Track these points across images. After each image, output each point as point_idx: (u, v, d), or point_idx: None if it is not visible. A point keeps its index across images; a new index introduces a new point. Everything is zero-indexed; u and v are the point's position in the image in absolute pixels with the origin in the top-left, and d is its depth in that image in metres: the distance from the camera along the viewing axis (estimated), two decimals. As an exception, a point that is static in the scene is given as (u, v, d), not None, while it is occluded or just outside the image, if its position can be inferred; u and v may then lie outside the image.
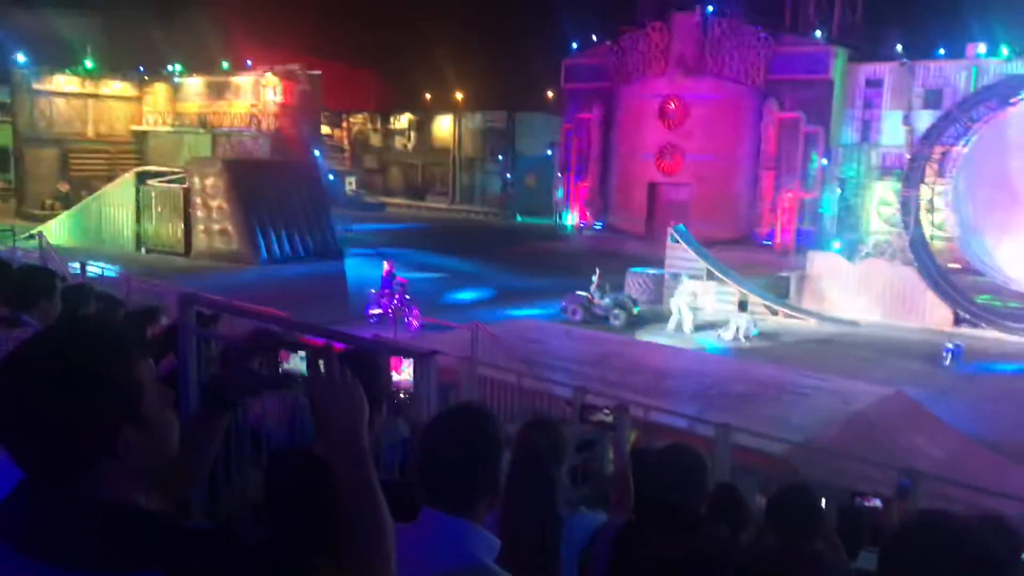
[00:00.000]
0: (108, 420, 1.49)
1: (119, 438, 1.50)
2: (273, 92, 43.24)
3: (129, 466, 1.52)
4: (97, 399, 1.47)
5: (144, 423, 1.54)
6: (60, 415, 1.45)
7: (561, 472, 2.98)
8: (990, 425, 15.58)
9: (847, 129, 35.69)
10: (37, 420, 1.45)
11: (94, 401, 1.47)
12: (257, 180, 31.98)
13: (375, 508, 1.63)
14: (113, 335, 1.59)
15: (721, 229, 36.34)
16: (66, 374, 1.46)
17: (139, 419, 1.53)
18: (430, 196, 57.68)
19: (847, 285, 25.99)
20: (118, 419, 1.50)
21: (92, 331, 1.60)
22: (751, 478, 8.13)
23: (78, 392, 1.46)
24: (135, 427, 1.52)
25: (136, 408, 1.52)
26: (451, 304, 23.45)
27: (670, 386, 14.82)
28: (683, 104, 38.89)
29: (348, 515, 1.62)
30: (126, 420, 1.51)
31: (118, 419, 1.50)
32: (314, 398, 1.74)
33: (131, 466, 1.52)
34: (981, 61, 32.08)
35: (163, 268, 27.04)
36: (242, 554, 1.51)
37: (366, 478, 1.65)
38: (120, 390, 1.50)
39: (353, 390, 1.74)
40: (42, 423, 1.45)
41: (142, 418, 1.53)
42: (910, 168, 26.79)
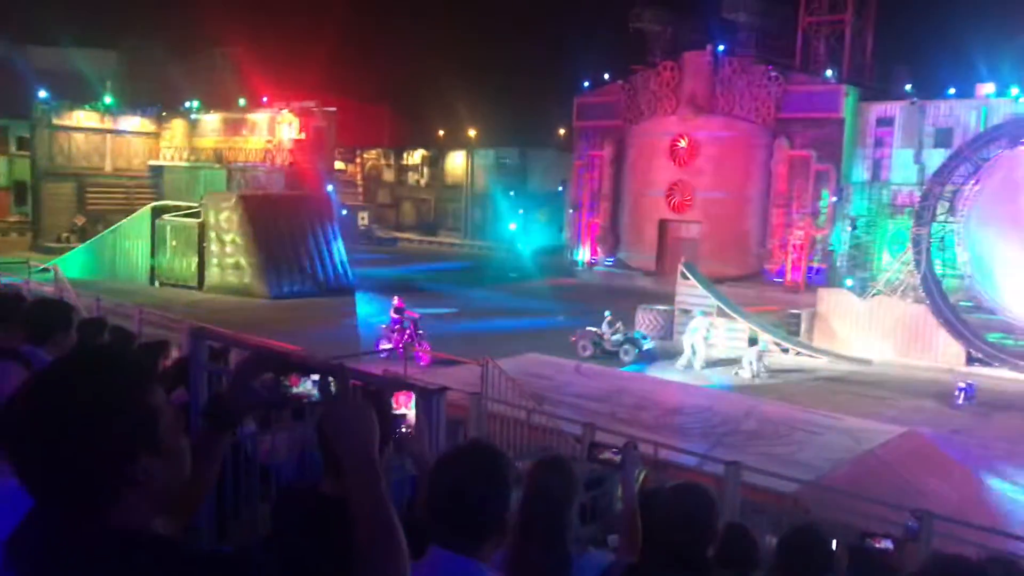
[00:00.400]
0: (126, 447, 1.48)
1: (137, 465, 1.49)
2: (288, 128, 43.78)
3: (146, 493, 1.51)
4: (114, 427, 1.47)
5: (160, 450, 1.53)
6: (78, 444, 1.44)
7: (572, 511, 2.99)
8: (1003, 465, 15.41)
9: (858, 167, 35.78)
10: (55, 449, 1.44)
11: (112, 429, 1.47)
12: (271, 215, 32.24)
13: (390, 530, 1.62)
14: (128, 363, 1.59)
15: (732, 266, 36.38)
16: (83, 402, 1.46)
17: (156, 446, 1.52)
18: (442, 231, 58.00)
19: (858, 323, 25.89)
20: (135, 446, 1.49)
21: (107, 359, 1.60)
22: (761, 517, 8.07)
23: (96, 420, 1.46)
24: (152, 454, 1.51)
25: (153, 435, 1.52)
26: (462, 338, 23.45)
27: (680, 423, 14.75)
28: (694, 142, 39.13)
29: (363, 537, 1.61)
30: (143, 447, 1.50)
31: (135, 446, 1.49)
32: (325, 418, 1.75)
33: (148, 493, 1.52)
34: (991, 101, 32.21)
35: (177, 302, 27.20)
36: None
37: (380, 499, 1.64)
38: (137, 417, 1.50)
39: (365, 411, 1.74)
40: (60, 452, 1.44)
41: (158, 445, 1.53)
42: (921, 206, 26.81)
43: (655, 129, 40.45)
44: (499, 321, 27.70)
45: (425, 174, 60.40)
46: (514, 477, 2.28)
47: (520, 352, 19.87)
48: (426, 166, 60.35)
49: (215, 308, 26.86)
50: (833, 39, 38.75)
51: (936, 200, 26.47)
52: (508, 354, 18.32)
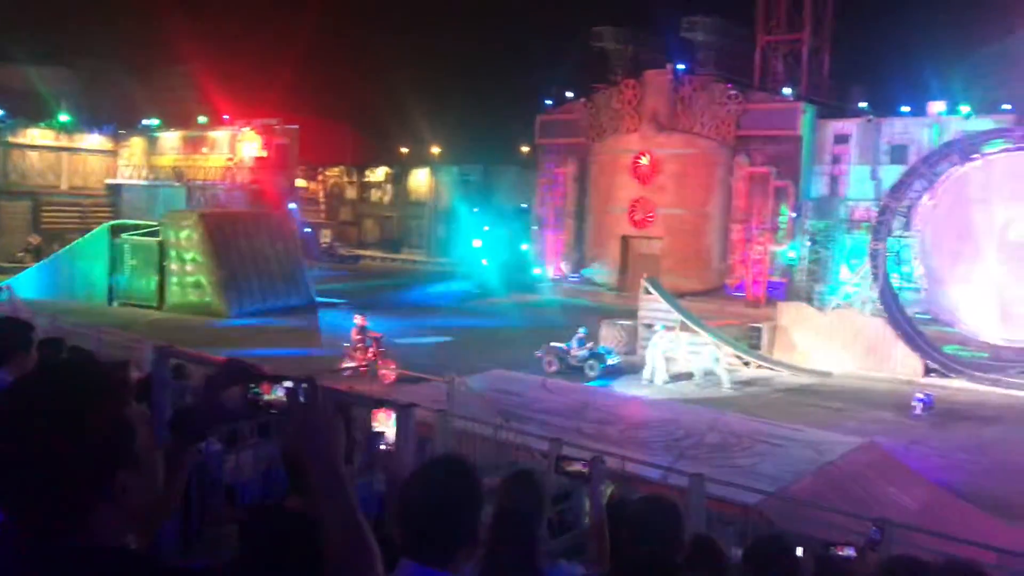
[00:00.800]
0: (102, 463, 1.45)
1: (114, 481, 1.47)
2: (250, 146, 43.49)
3: (121, 508, 1.49)
4: (91, 442, 1.44)
5: (137, 465, 1.51)
6: (55, 459, 1.41)
7: (542, 525, 3.01)
8: (960, 474, 15.72)
9: (816, 183, 36.45)
10: (30, 464, 1.40)
11: (88, 444, 1.43)
12: (232, 233, 31.96)
13: (361, 541, 1.61)
14: (104, 377, 1.57)
15: (693, 281, 36.81)
16: (60, 417, 1.43)
17: (132, 461, 1.50)
18: (406, 248, 57.86)
19: (818, 336, 26.30)
20: (112, 462, 1.47)
21: (83, 373, 1.57)
22: (726, 529, 8.14)
23: (72, 435, 1.42)
24: (128, 469, 1.49)
25: (129, 450, 1.50)
26: (426, 355, 23.38)
27: (644, 437, 14.83)
28: (655, 159, 39.59)
29: (334, 549, 1.60)
30: (120, 463, 1.48)
31: (112, 462, 1.47)
32: (294, 427, 1.72)
33: (124, 508, 1.50)
34: (943, 118, 33.07)
35: (136, 322, 26.79)
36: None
37: (350, 509, 1.63)
38: (114, 432, 1.48)
39: (334, 422, 1.74)
40: (36, 467, 1.40)
41: (135, 460, 1.50)
42: (878, 221, 27.35)
43: (617, 146, 40.86)
44: (464, 338, 27.68)
45: (388, 191, 60.30)
46: (485, 490, 2.30)
47: (486, 368, 19.86)
48: (389, 183, 60.26)
49: (176, 327, 26.50)
50: (791, 58, 39.53)
51: (892, 215, 27.03)
52: (474, 371, 18.31)
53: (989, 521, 12.51)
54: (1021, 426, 19.71)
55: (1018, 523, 12.80)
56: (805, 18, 38.73)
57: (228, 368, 2.03)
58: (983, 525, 11.90)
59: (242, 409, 1.97)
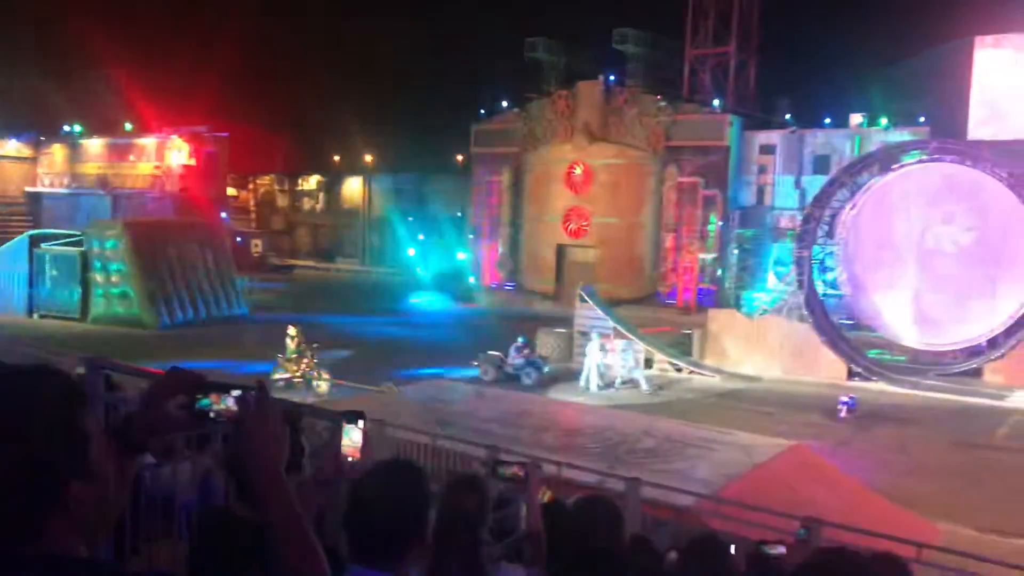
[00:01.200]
0: (57, 474, 1.40)
1: (68, 492, 1.41)
2: (178, 153, 42.58)
3: (75, 519, 1.44)
4: (47, 453, 1.38)
5: (92, 476, 1.46)
6: (6, 471, 1.36)
7: (484, 528, 3.07)
8: (884, 474, 16.29)
9: (743, 192, 37.36)
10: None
11: (43, 455, 1.38)
12: (160, 243, 31.24)
13: (308, 545, 1.63)
14: (59, 383, 1.50)
15: (627, 289, 37.34)
16: (10, 426, 1.38)
17: (87, 472, 1.44)
18: (340, 257, 57.29)
19: (747, 341, 26.94)
20: (68, 473, 1.41)
21: (36, 379, 1.49)
22: (661, 530, 8.31)
23: (26, 446, 1.37)
24: (83, 480, 1.43)
25: (83, 461, 1.44)
26: (360, 365, 23.20)
27: (580, 443, 14.97)
28: (588, 169, 40.07)
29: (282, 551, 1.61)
30: (74, 473, 1.42)
31: (68, 473, 1.41)
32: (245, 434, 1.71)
33: (77, 519, 1.44)
34: (863, 130, 34.29)
35: (59, 334, 25.96)
36: None
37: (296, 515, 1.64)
38: (70, 442, 1.42)
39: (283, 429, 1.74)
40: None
41: (90, 471, 1.45)
42: (803, 229, 28.15)
43: (551, 156, 41.24)
44: (400, 347, 27.56)
45: (321, 200, 59.66)
46: (433, 492, 2.35)
47: (422, 378, 19.82)
48: (322, 192, 59.63)
49: (102, 340, 25.78)
50: (718, 71, 40.44)
51: (816, 223, 27.85)
52: (409, 380, 18.26)
53: (909, 517, 12.98)
54: (939, 427, 20.51)
55: (936, 518, 13.33)
56: (732, 33, 39.71)
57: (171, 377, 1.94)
58: (904, 521, 12.34)
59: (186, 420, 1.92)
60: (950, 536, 11.87)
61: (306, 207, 60.21)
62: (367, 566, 2.22)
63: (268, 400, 1.76)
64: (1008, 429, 20.64)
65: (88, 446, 1.47)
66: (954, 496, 14.98)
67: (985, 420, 21.31)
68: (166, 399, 1.90)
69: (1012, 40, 30.25)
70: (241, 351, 25.30)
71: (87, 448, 1.46)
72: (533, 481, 3.58)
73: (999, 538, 12.62)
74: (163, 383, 1.90)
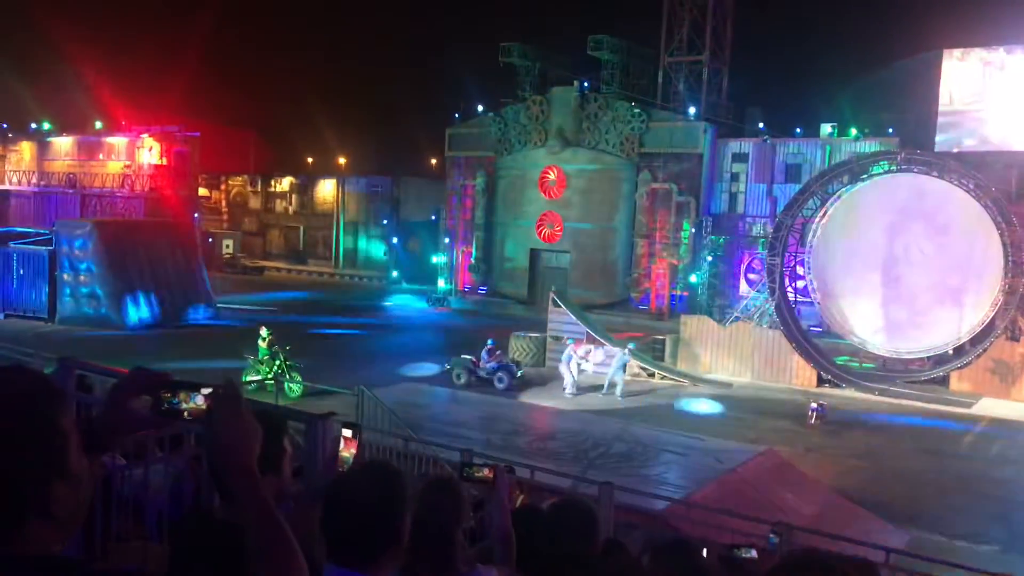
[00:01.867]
0: (39, 476, 1.39)
1: (49, 493, 1.40)
2: (149, 153, 42.11)
3: (54, 520, 1.43)
4: (29, 453, 1.38)
5: (71, 476, 1.44)
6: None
7: (459, 531, 3.07)
8: (852, 479, 16.49)
9: (716, 200, 37.67)
10: None
11: (25, 456, 1.37)
12: (129, 242, 30.84)
13: (285, 545, 1.60)
14: (39, 383, 1.48)
15: (600, 294, 37.52)
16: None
17: (67, 473, 1.43)
18: (312, 260, 56.95)
19: (718, 348, 27.16)
20: (49, 474, 1.40)
21: (15, 378, 1.47)
22: (633, 535, 8.34)
23: (7, 446, 1.36)
24: (64, 481, 1.42)
25: (64, 461, 1.43)
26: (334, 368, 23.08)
27: (553, 447, 15.03)
28: (562, 174, 40.20)
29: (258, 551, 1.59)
30: (56, 475, 1.41)
31: (49, 474, 1.40)
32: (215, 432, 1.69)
33: (56, 520, 1.43)
34: (834, 140, 34.75)
35: (26, 334, 25.54)
36: None
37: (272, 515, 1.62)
38: (50, 443, 1.41)
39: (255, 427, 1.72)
40: None
41: (69, 471, 1.44)
42: (774, 237, 28.42)
43: (525, 161, 41.33)
44: (373, 350, 27.45)
45: (294, 201, 59.23)
46: (410, 494, 2.35)
47: (395, 381, 19.76)
48: (295, 193, 59.20)
49: (70, 340, 25.38)
50: (692, 78, 40.77)
51: (788, 231, 28.14)
52: (383, 383, 18.19)
53: (878, 523, 13.16)
54: (906, 434, 20.80)
55: (903, 524, 13.51)
56: (705, 41, 40.06)
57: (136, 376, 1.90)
58: (872, 527, 12.51)
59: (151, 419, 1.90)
60: (917, 541, 12.05)
61: (279, 208, 59.78)
62: (343, 567, 2.21)
63: (238, 397, 1.73)
64: (973, 436, 20.98)
65: (68, 446, 1.45)
66: (921, 502, 15.20)
67: (951, 427, 21.64)
68: (130, 398, 1.88)
69: (979, 53, 30.82)
70: (211, 352, 25.07)
71: (67, 448, 1.45)
72: (501, 483, 3.59)
73: (966, 544, 12.82)
74: (127, 382, 1.88)
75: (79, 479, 1.49)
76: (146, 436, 4.85)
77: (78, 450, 1.49)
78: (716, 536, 7.87)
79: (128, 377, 1.89)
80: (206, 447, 2.35)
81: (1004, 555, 12.40)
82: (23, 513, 1.40)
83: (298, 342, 23.04)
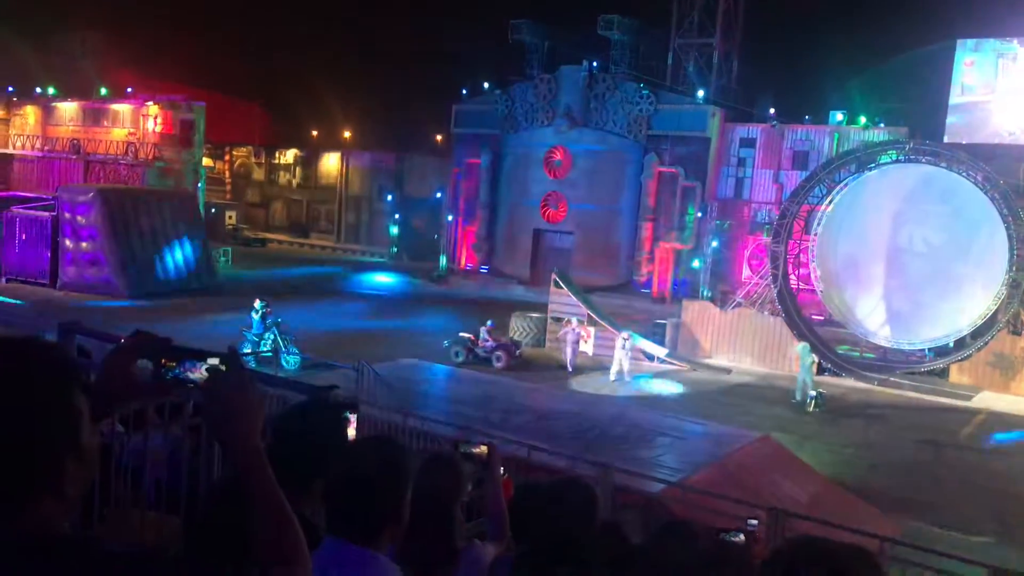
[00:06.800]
0: (53, 455, 1.38)
1: (63, 472, 1.39)
2: (154, 121, 41.93)
3: (65, 496, 1.42)
4: (45, 431, 1.37)
5: (83, 454, 1.43)
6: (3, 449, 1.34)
7: (458, 507, 3.07)
8: (848, 468, 16.53)
9: (722, 184, 37.51)
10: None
11: (41, 434, 1.36)
12: (132, 210, 30.83)
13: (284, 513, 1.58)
14: (55, 357, 1.45)
15: (602, 276, 37.43)
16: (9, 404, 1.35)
17: (79, 450, 1.42)
18: (315, 233, 56.89)
19: (719, 333, 27.13)
20: (63, 453, 1.39)
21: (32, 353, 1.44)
22: (631, 515, 8.37)
23: (24, 424, 1.35)
24: (76, 459, 1.41)
25: (76, 440, 1.42)
26: (333, 343, 23.10)
27: (550, 427, 15.02)
28: (568, 154, 40.00)
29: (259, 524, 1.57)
30: (69, 452, 1.40)
31: (63, 453, 1.39)
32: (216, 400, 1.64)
33: (67, 496, 1.42)
34: (842, 128, 34.56)
35: (27, 300, 25.58)
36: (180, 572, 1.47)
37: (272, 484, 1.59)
38: (66, 421, 1.40)
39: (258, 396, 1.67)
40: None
41: (81, 449, 1.42)
42: (779, 224, 28.32)
43: (531, 140, 41.12)
44: (373, 326, 27.47)
45: (297, 174, 59.08)
46: (412, 469, 2.33)
47: (394, 357, 19.77)
48: (298, 166, 59.04)
49: (71, 306, 25.40)
50: (702, 61, 40.51)
51: (792, 218, 28.03)
52: (382, 359, 18.19)
53: (872, 511, 13.18)
54: (904, 424, 20.82)
55: (899, 514, 13.55)
56: (717, 23, 39.76)
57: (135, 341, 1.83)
58: (867, 515, 12.53)
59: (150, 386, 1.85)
60: (912, 531, 12.08)
61: (282, 181, 59.64)
62: (344, 539, 2.20)
63: (241, 366, 1.69)
64: (972, 429, 21.00)
65: (81, 423, 1.43)
66: (917, 493, 15.24)
67: (950, 419, 21.66)
68: (130, 363, 1.82)
69: (993, 44, 30.55)
70: (209, 323, 25.09)
71: (80, 425, 1.43)
72: (495, 460, 3.58)
73: (960, 535, 12.86)
74: (127, 347, 1.82)
75: (90, 456, 1.47)
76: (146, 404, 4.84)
77: (90, 427, 1.47)
78: (711, 520, 7.89)
79: (127, 341, 1.83)
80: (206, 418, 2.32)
81: (997, 547, 12.45)
82: (36, 490, 1.38)
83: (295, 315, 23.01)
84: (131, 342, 1.82)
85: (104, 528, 4.40)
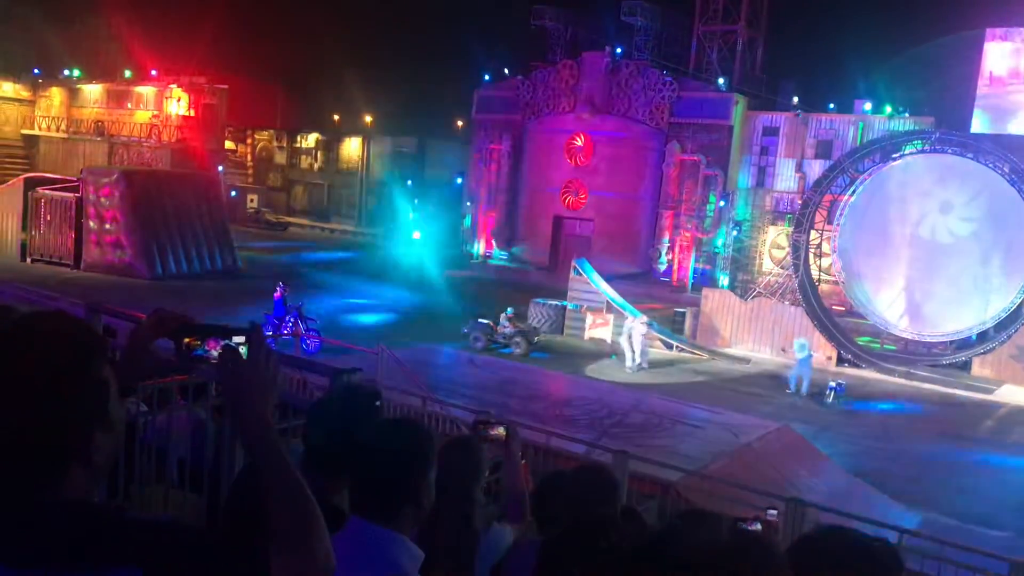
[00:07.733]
0: (82, 425, 1.42)
1: (92, 443, 1.43)
2: (177, 104, 42.18)
3: (94, 468, 1.46)
4: (73, 403, 1.40)
5: (111, 425, 1.47)
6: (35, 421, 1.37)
7: (478, 489, 3.09)
8: (867, 460, 16.45)
9: (744, 173, 37.23)
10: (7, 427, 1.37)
11: (70, 405, 1.40)
12: (156, 192, 31.05)
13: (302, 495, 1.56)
14: (82, 331, 1.49)
15: (622, 264, 37.26)
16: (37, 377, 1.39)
17: (107, 421, 1.46)
18: (336, 218, 57.05)
19: (739, 322, 27.02)
20: (92, 423, 1.43)
21: (60, 327, 1.48)
22: (646, 505, 8.38)
23: (54, 396, 1.38)
24: (104, 430, 1.45)
25: (104, 411, 1.45)
26: (353, 328, 23.23)
27: (568, 414, 15.07)
28: (590, 141, 39.83)
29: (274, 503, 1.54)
30: (97, 424, 1.44)
31: (92, 423, 1.43)
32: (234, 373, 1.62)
33: (95, 468, 1.46)
34: (867, 117, 34.15)
35: (52, 280, 25.89)
36: (206, 543, 1.48)
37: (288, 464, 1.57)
38: (95, 393, 1.44)
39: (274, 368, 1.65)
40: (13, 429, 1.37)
41: (109, 420, 1.46)
42: (801, 213, 28.12)
43: (553, 126, 40.97)
44: (392, 310, 27.57)
45: (319, 158, 59.18)
46: (435, 453, 2.35)
47: (413, 342, 19.86)
48: (320, 150, 59.13)
49: (94, 287, 25.66)
50: (725, 48, 40.15)
51: (815, 208, 27.82)
52: (401, 343, 18.28)
53: (891, 503, 13.13)
54: (924, 417, 20.69)
55: (917, 506, 13.49)
56: (741, 10, 39.37)
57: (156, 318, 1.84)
58: (885, 507, 12.49)
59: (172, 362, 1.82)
60: (930, 524, 12.02)
61: (304, 165, 59.76)
62: (368, 519, 2.23)
63: (262, 341, 1.68)
64: (993, 422, 20.84)
65: (108, 395, 1.47)
66: (936, 485, 15.16)
67: (971, 412, 21.50)
68: (151, 341, 1.85)
69: (1021, 33, 30.06)
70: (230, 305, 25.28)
71: (107, 397, 1.47)
72: (515, 442, 3.59)
73: (978, 528, 12.78)
74: (149, 324, 1.84)
75: (117, 427, 1.51)
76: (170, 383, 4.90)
77: (116, 399, 1.51)
78: (729, 509, 7.88)
79: (149, 318, 1.85)
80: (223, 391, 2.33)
81: (1018, 540, 12.36)
82: (67, 461, 1.42)
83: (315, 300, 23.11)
84: (151, 319, 1.84)
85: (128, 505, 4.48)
